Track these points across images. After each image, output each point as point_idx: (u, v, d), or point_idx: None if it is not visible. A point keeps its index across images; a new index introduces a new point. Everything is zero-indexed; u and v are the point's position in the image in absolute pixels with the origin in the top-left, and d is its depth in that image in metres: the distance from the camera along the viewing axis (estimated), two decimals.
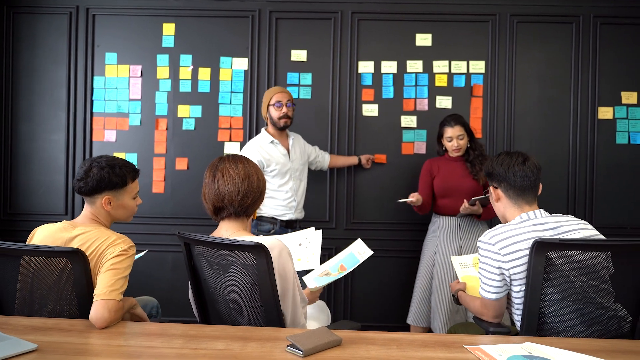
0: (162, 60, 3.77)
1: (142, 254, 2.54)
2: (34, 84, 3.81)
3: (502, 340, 1.62)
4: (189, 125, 3.77)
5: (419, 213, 3.31)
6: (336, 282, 3.76)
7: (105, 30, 3.80)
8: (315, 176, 3.68)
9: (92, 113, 3.80)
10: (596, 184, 3.70)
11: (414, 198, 3.11)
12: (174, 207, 3.78)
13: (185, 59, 3.77)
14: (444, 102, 3.71)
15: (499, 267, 1.88)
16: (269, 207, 3.19)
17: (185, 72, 3.77)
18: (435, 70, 3.72)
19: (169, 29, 3.77)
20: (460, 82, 3.72)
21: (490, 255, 1.90)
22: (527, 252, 1.82)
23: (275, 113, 3.16)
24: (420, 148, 3.71)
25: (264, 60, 3.76)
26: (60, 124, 3.81)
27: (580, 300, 1.79)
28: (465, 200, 3.05)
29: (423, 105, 3.72)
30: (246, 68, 3.76)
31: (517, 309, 1.92)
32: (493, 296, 1.92)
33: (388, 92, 3.73)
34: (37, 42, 3.81)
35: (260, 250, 1.63)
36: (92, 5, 3.78)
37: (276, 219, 3.20)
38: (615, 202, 3.71)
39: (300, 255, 2.47)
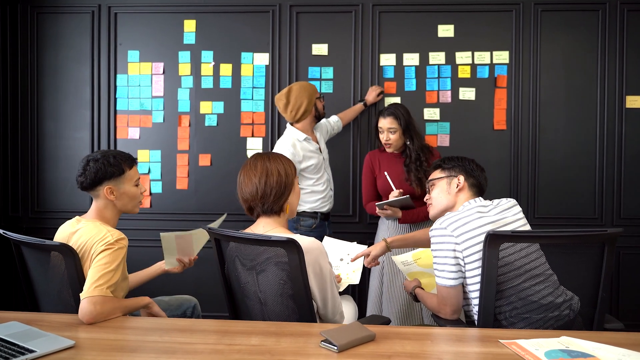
0: (184, 57, 3.79)
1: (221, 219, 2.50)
2: (58, 82, 3.86)
3: (537, 335, 1.60)
4: (211, 121, 3.78)
5: (403, 221, 3.01)
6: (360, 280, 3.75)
7: (127, 28, 3.82)
8: (338, 171, 3.67)
9: (115, 111, 3.84)
10: (624, 175, 3.63)
11: (396, 192, 2.91)
12: (198, 203, 3.80)
13: (207, 55, 3.78)
14: (467, 94, 3.67)
15: (454, 250, 1.91)
16: (309, 203, 3.16)
17: (206, 69, 3.78)
18: (458, 61, 3.67)
19: (190, 25, 3.78)
20: (483, 73, 3.67)
21: (443, 240, 1.93)
22: (476, 232, 1.89)
23: (320, 105, 3.21)
24: (444, 140, 3.67)
25: (285, 55, 3.75)
26: (84, 122, 3.85)
27: (530, 296, 1.84)
28: (375, 205, 2.93)
29: (446, 97, 3.68)
30: (267, 63, 3.75)
31: (473, 300, 1.94)
32: (450, 282, 1.93)
33: (410, 85, 3.70)
34: (60, 41, 3.85)
35: (292, 246, 1.63)
36: (113, 3, 3.81)
37: (317, 213, 3.19)
38: None
39: (341, 271, 2.47)
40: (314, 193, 3.17)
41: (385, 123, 3.01)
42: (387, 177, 3.00)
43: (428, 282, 2.33)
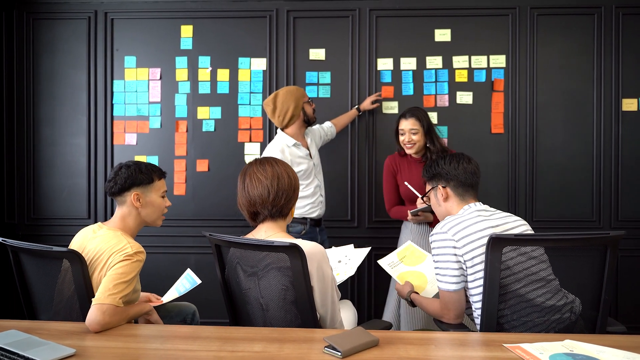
0: (181, 62, 3.78)
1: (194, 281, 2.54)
2: (54, 88, 3.84)
3: (540, 339, 1.60)
4: (208, 126, 3.77)
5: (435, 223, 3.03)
6: (359, 284, 3.74)
7: (123, 34, 3.81)
8: (336, 175, 3.67)
9: (112, 116, 3.82)
10: (621, 177, 3.64)
11: (420, 200, 2.83)
12: (196, 209, 3.79)
13: (204, 61, 3.77)
14: (465, 98, 3.68)
15: (455, 255, 1.91)
16: (298, 208, 3.11)
17: (204, 74, 3.77)
18: (455, 65, 3.68)
19: (187, 31, 3.78)
20: (480, 77, 3.68)
21: (444, 244, 1.94)
22: (478, 236, 1.89)
23: (309, 109, 3.16)
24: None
25: (282, 59, 3.75)
26: (81, 128, 3.83)
27: (531, 300, 1.82)
28: (408, 212, 2.87)
29: (443, 101, 3.69)
30: (265, 68, 3.75)
31: (474, 304, 1.93)
32: (453, 287, 1.92)
33: (408, 89, 3.70)
34: (56, 47, 3.83)
35: (295, 251, 1.62)
36: (110, 9, 3.80)
37: (306, 219, 3.16)
38: None
39: (339, 270, 2.46)
40: (302, 199, 3.12)
41: (407, 124, 2.96)
42: (409, 186, 2.91)
43: (419, 285, 2.30)
